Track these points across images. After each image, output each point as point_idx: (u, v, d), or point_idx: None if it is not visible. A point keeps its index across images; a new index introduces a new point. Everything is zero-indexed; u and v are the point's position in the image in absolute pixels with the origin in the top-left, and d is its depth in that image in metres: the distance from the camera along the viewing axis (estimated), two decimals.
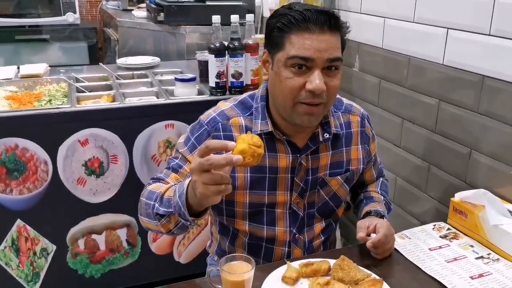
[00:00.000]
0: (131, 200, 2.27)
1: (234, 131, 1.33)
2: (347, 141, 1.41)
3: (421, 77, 1.92)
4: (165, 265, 2.44)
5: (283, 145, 1.33)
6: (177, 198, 1.14)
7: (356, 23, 2.35)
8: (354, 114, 1.44)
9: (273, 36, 1.24)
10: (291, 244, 1.41)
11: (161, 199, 1.21)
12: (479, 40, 1.63)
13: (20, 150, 2.07)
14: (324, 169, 1.38)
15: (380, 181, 1.59)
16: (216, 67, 2.28)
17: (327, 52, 1.19)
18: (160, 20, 3.17)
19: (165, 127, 2.27)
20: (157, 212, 1.20)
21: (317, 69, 1.19)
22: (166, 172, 1.35)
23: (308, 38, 1.18)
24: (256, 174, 1.33)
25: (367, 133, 1.46)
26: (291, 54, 1.19)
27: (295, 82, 1.20)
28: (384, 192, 1.57)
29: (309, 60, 1.19)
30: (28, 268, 2.23)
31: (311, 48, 1.18)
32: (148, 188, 1.29)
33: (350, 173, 1.43)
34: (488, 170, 1.65)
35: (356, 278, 1.22)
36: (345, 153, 1.41)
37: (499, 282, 1.28)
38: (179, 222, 1.18)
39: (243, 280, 1.10)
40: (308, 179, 1.37)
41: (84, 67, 3.34)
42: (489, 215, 1.43)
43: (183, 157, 1.34)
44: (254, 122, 1.32)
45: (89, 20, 4.86)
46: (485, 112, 1.64)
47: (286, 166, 1.34)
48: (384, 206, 1.50)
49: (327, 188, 1.40)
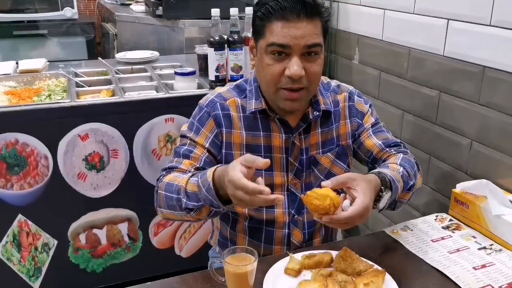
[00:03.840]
0: (131, 194, 2.29)
1: (232, 110, 1.38)
2: (336, 118, 1.44)
3: (422, 69, 1.91)
4: (166, 259, 2.45)
5: (276, 125, 1.37)
6: (204, 193, 1.18)
7: (356, 15, 2.35)
8: (341, 92, 1.47)
9: (256, 24, 1.30)
10: (290, 226, 1.43)
11: (186, 194, 1.23)
12: (479, 30, 1.62)
13: (20, 145, 2.07)
14: (315, 148, 1.42)
15: (401, 156, 1.41)
16: (215, 61, 2.28)
17: (304, 39, 1.23)
18: (158, 14, 3.16)
19: (165, 121, 2.27)
20: (187, 207, 1.23)
21: (295, 56, 1.24)
22: (177, 160, 1.35)
23: (285, 26, 1.23)
24: (252, 153, 1.33)
25: (358, 108, 1.47)
26: (270, 41, 1.25)
27: (275, 68, 1.26)
28: (406, 165, 1.37)
29: (286, 47, 1.24)
30: (29, 263, 2.23)
31: (287, 36, 1.23)
32: (165, 180, 1.30)
33: (340, 148, 1.44)
34: (489, 160, 1.64)
35: (358, 269, 1.22)
36: (335, 129, 1.44)
37: (502, 273, 1.28)
38: (211, 211, 1.23)
39: (246, 272, 1.10)
40: (302, 158, 1.40)
41: (83, 62, 3.34)
42: (491, 205, 1.43)
43: (191, 141, 1.37)
44: (248, 102, 1.38)
45: (87, 15, 4.84)
46: (485, 102, 1.64)
47: (280, 145, 1.38)
48: (398, 176, 1.31)
49: (320, 167, 1.43)
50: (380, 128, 1.49)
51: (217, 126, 1.37)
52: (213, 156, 1.37)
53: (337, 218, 1.12)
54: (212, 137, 1.36)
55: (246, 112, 1.37)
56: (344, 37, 2.46)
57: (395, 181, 1.27)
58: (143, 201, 2.24)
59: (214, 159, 1.38)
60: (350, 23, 2.40)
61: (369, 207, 1.16)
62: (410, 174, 1.36)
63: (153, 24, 3.28)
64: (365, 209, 1.13)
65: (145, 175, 2.29)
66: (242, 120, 1.38)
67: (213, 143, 1.37)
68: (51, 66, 2.73)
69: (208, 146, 1.36)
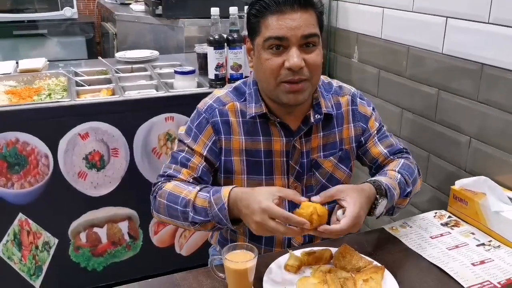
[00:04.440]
0: (132, 193, 2.29)
1: (231, 115, 1.37)
2: (339, 122, 1.43)
3: (421, 67, 1.92)
4: (166, 258, 2.45)
5: (277, 129, 1.36)
6: (216, 211, 1.21)
7: (355, 14, 2.35)
8: (343, 95, 1.46)
9: (251, 23, 1.30)
10: None
11: (194, 208, 1.24)
12: (478, 28, 1.63)
13: (21, 144, 2.07)
14: (317, 151, 1.41)
15: (401, 162, 1.43)
16: (215, 59, 2.28)
17: (300, 29, 1.23)
18: (158, 13, 3.16)
19: (165, 120, 2.27)
20: (193, 221, 1.25)
21: (293, 47, 1.23)
22: (175, 168, 1.36)
23: (280, 19, 1.23)
24: (252, 158, 1.37)
25: (361, 111, 1.46)
26: (267, 36, 1.24)
27: (274, 62, 1.25)
28: (404, 172, 1.39)
29: (283, 39, 1.23)
30: (30, 262, 2.24)
31: (284, 28, 1.22)
32: (166, 189, 1.30)
33: (343, 152, 1.44)
34: (488, 158, 1.65)
35: (358, 265, 1.23)
36: (337, 133, 1.43)
37: (500, 269, 1.29)
38: (215, 226, 1.25)
39: (246, 269, 1.10)
40: (303, 162, 1.39)
41: (83, 61, 3.34)
42: (490, 201, 1.43)
43: (189, 149, 1.36)
44: (248, 106, 1.36)
45: (86, 14, 4.85)
46: (484, 100, 1.64)
47: (280, 149, 1.37)
48: (395, 183, 1.32)
49: (321, 170, 1.42)
50: (384, 133, 1.50)
51: (216, 134, 1.36)
52: (211, 165, 1.37)
53: (329, 230, 1.15)
54: (210, 144, 1.36)
55: (246, 116, 1.36)
56: (343, 35, 2.47)
57: (391, 188, 1.30)
58: (143, 199, 2.21)
59: (211, 167, 1.38)
60: (349, 22, 2.40)
61: (360, 217, 1.18)
62: (407, 181, 1.38)
63: (152, 23, 3.29)
64: (356, 219, 1.16)
65: (146, 174, 2.30)
66: (241, 125, 1.36)
67: (211, 150, 1.36)
68: (51, 66, 2.74)
69: (206, 154, 1.36)
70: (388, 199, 1.29)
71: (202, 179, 1.35)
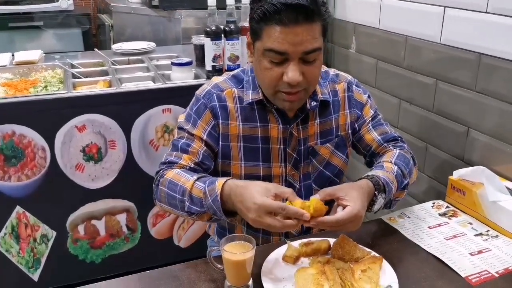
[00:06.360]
0: (130, 185, 2.29)
1: (228, 101, 1.37)
2: (335, 109, 1.44)
3: (418, 57, 1.91)
4: (165, 250, 2.45)
5: (274, 115, 1.37)
6: (210, 202, 1.20)
7: (352, 4, 2.34)
8: (339, 82, 1.46)
9: (253, 25, 1.26)
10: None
11: (190, 197, 1.24)
12: (476, 18, 1.62)
13: (18, 137, 2.06)
14: (313, 138, 1.41)
15: (397, 153, 1.41)
16: (212, 51, 2.27)
17: (302, 45, 1.18)
18: (154, 4, 3.14)
19: (162, 111, 2.26)
20: (189, 210, 1.25)
21: (293, 61, 1.20)
22: (176, 154, 1.35)
23: (283, 32, 1.17)
24: (249, 144, 1.37)
25: (357, 98, 1.46)
26: (268, 47, 1.21)
27: (273, 73, 1.23)
28: (400, 163, 1.38)
29: (284, 53, 1.20)
30: (28, 255, 2.24)
31: (285, 42, 1.18)
32: (167, 177, 1.30)
33: (339, 138, 1.44)
34: (486, 148, 1.65)
35: (356, 256, 1.23)
36: (334, 120, 1.43)
37: (498, 258, 1.29)
38: (212, 217, 1.25)
39: (244, 260, 1.10)
40: (300, 149, 1.40)
41: (79, 53, 3.33)
42: (488, 191, 1.43)
43: (189, 134, 1.37)
44: (245, 92, 1.37)
45: (82, 6, 4.81)
46: (482, 90, 1.64)
47: (277, 136, 1.38)
48: (392, 176, 1.32)
49: (318, 157, 1.42)
50: (379, 121, 1.49)
51: (214, 118, 1.36)
52: (211, 149, 1.38)
53: (322, 220, 1.13)
54: (210, 129, 1.36)
55: (243, 103, 1.37)
56: (341, 26, 2.46)
57: (388, 183, 1.29)
58: (141, 191, 2.25)
59: (212, 152, 1.38)
60: (347, 12, 2.39)
61: (360, 214, 1.16)
62: (404, 174, 1.37)
63: (149, 14, 3.27)
64: (355, 216, 1.15)
65: (143, 166, 2.29)
66: (239, 111, 1.37)
67: (210, 135, 1.36)
68: (47, 58, 2.72)
69: (206, 138, 1.36)
70: (386, 194, 1.29)
71: (203, 163, 1.35)
